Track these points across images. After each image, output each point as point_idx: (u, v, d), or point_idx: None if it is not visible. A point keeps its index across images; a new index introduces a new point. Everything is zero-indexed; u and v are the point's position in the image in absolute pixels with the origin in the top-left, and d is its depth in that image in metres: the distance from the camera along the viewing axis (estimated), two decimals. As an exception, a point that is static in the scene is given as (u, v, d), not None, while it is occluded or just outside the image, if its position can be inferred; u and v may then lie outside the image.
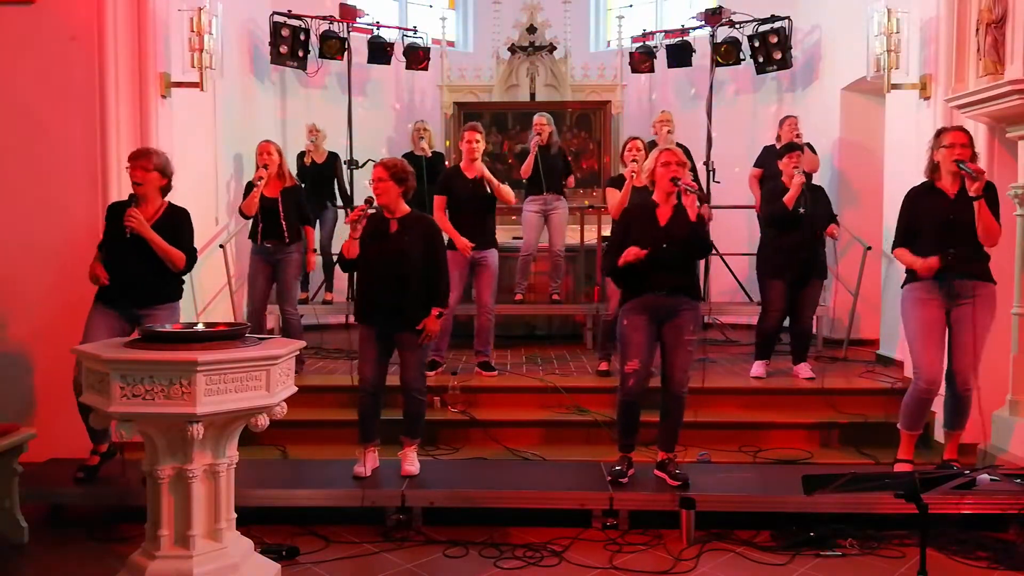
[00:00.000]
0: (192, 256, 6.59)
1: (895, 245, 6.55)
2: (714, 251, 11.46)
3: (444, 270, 6.63)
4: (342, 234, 6.63)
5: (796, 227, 8.19)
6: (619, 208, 8.00)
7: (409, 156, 11.05)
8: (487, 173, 8.40)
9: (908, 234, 6.44)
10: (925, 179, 6.47)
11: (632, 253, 6.10)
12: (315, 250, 8.91)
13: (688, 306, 6.29)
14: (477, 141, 8.43)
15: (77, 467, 6.56)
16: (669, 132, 10.44)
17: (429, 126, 11.84)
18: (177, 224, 6.52)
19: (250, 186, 8.53)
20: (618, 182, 8.47)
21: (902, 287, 6.53)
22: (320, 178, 11.19)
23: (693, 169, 8.49)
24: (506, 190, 8.52)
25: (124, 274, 6.33)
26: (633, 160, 8.30)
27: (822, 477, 4.88)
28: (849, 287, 10.00)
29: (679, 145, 7.80)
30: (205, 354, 4.36)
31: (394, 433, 6.73)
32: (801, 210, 8.15)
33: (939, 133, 6.39)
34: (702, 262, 11.48)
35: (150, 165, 6.41)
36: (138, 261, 6.30)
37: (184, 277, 6.66)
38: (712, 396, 7.89)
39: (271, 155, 8.51)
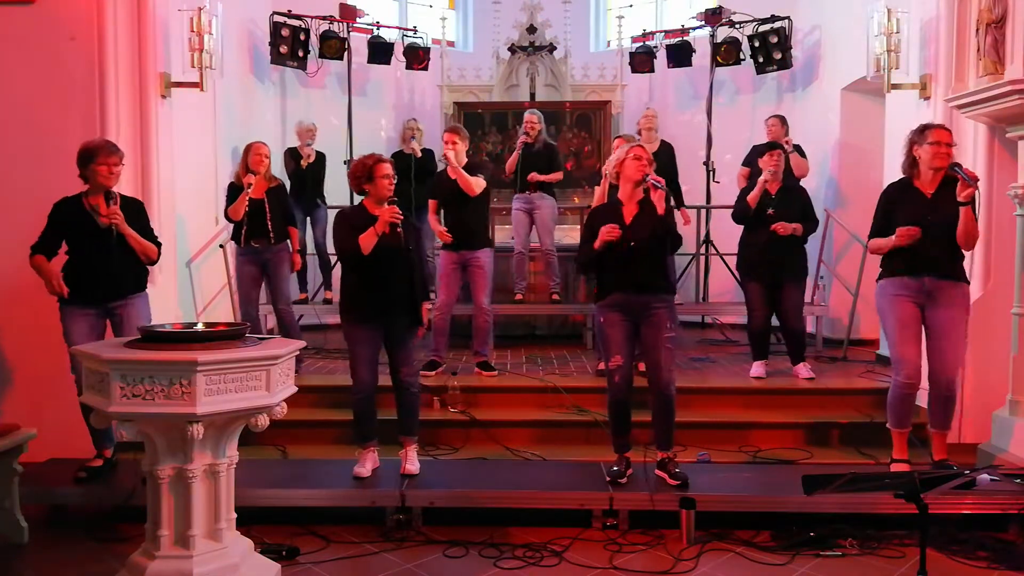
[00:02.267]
0: (159, 245, 6.62)
1: (870, 238, 6.57)
2: (713, 250, 11.49)
3: (425, 264, 6.76)
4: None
5: (765, 227, 8.23)
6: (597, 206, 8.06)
7: (399, 155, 11.05)
8: (453, 162, 8.26)
9: (882, 231, 6.43)
10: (903, 175, 6.47)
11: (605, 231, 6.08)
12: (299, 250, 8.87)
13: (661, 303, 6.27)
14: (455, 143, 8.34)
15: (79, 467, 6.56)
16: (649, 129, 10.37)
17: (421, 125, 11.80)
18: (138, 215, 6.51)
19: (232, 188, 8.58)
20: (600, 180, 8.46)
21: (877, 280, 6.53)
22: (313, 178, 11.14)
23: (672, 166, 8.47)
24: (473, 181, 8.29)
25: (96, 270, 6.32)
26: None
27: (822, 477, 4.87)
28: (849, 287, 9.99)
29: (663, 143, 7.78)
30: (205, 354, 4.36)
31: (392, 433, 6.73)
32: (769, 211, 8.17)
33: (923, 129, 6.33)
34: (701, 262, 11.58)
35: (121, 160, 6.41)
36: (110, 256, 6.28)
37: (150, 268, 6.71)
38: (712, 396, 7.89)
39: (267, 158, 8.54)
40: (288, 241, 8.72)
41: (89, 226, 6.31)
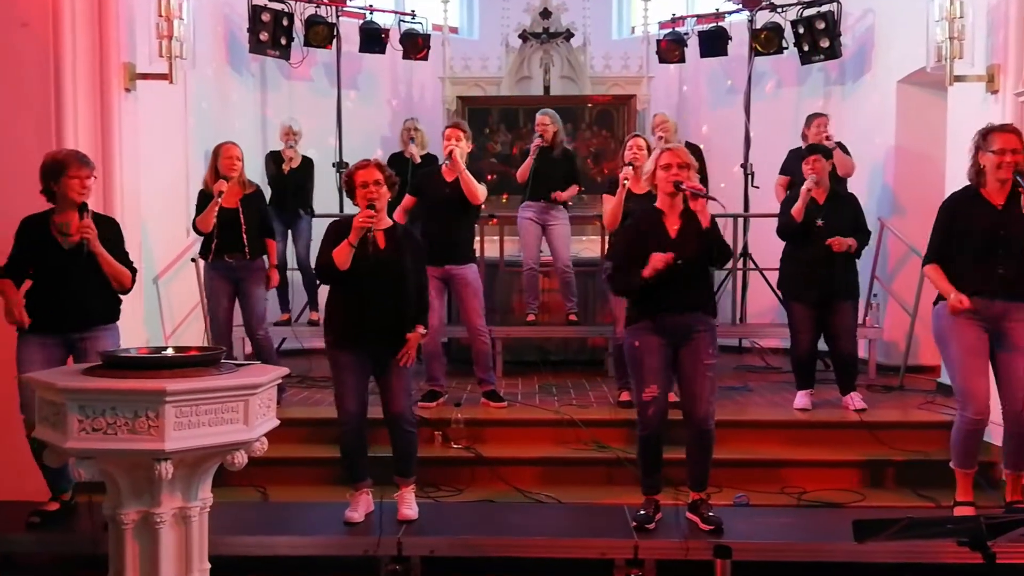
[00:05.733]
0: (134, 271, 6.62)
1: (928, 259, 6.56)
2: (752, 265, 11.46)
3: (427, 285, 6.77)
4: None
5: (813, 241, 8.21)
6: (612, 218, 8.03)
7: (397, 158, 11.06)
8: (459, 161, 8.29)
9: (944, 248, 6.44)
10: (969, 183, 6.47)
11: (660, 259, 6.01)
12: (276, 265, 8.77)
13: (704, 325, 6.29)
14: (459, 140, 8.36)
15: (32, 511, 6.57)
16: (660, 138, 10.22)
17: (421, 125, 11.63)
18: (111, 235, 6.51)
19: (202, 196, 8.52)
20: (615, 188, 8.32)
21: (935, 304, 6.54)
22: (296, 185, 11.10)
23: (702, 171, 8.42)
24: (477, 187, 8.41)
25: (60, 296, 6.34)
26: (630, 163, 8.28)
27: (875, 523, 4.87)
28: (906, 306, 9.98)
29: (687, 145, 7.73)
30: (175, 382, 4.37)
31: (387, 473, 6.73)
32: (819, 222, 8.16)
33: (986, 133, 6.32)
34: (739, 279, 11.55)
35: (92, 173, 6.42)
36: (77, 280, 6.29)
37: (121, 296, 6.68)
38: (751, 430, 7.88)
39: (239, 160, 8.51)
40: (265, 256, 8.68)
41: (54, 248, 6.33)
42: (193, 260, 9.67)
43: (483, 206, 8.71)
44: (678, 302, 6.17)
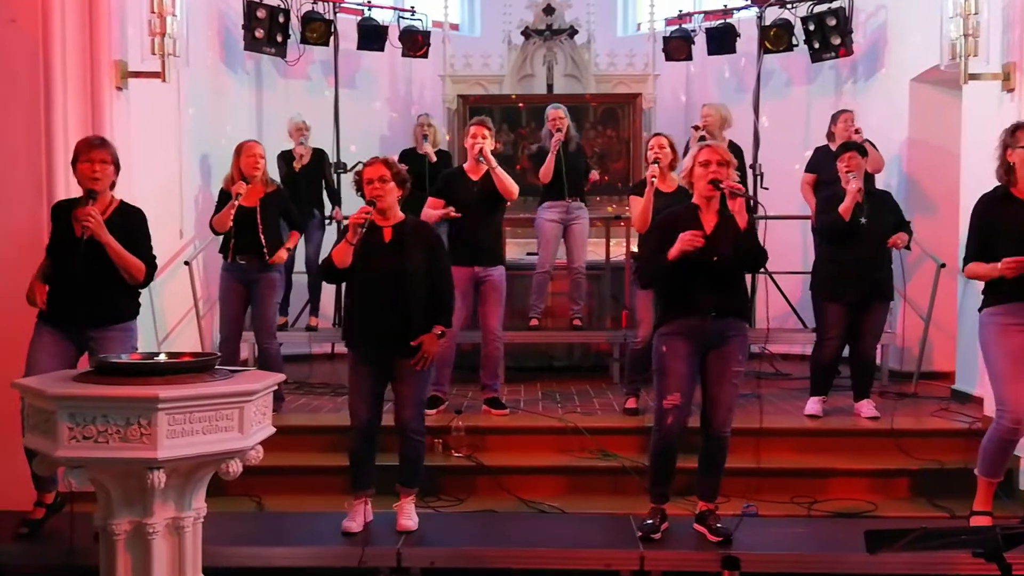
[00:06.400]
0: (152, 266, 6.57)
1: (966, 261, 6.54)
2: (762, 268, 11.43)
3: (449, 283, 6.63)
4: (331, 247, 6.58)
5: (856, 240, 8.17)
6: (643, 218, 7.91)
7: (409, 153, 11.01)
8: (490, 158, 8.31)
9: (981, 252, 6.39)
10: (998, 183, 6.45)
11: (687, 238, 5.93)
12: (288, 249, 8.73)
13: (737, 331, 6.27)
14: (484, 137, 8.38)
15: (19, 521, 6.55)
16: (696, 129, 10.21)
17: (435, 121, 11.63)
18: (133, 226, 6.48)
19: (223, 195, 8.49)
20: (641, 188, 8.26)
21: (980, 311, 6.50)
22: (308, 183, 11.11)
23: (741, 169, 8.39)
24: (511, 182, 8.38)
25: (72, 287, 6.28)
26: (655, 161, 8.22)
27: (888, 533, 4.86)
28: (920, 310, 9.97)
29: (730, 144, 7.69)
30: (168, 389, 4.35)
31: (388, 481, 6.72)
32: (862, 220, 8.12)
33: (1014, 130, 6.31)
34: (749, 282, 11.51)
35: (109, 158, 6.37)
36: (89, 271, 6.22)
37: (142, 292, 6.64)
38: (760, 438, 7.83)
39: (262, 159, 8.50)
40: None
41: (68, 237, 6.29)
42: (187, 263, 9.65)
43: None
44: (710, 306, 6.14)
